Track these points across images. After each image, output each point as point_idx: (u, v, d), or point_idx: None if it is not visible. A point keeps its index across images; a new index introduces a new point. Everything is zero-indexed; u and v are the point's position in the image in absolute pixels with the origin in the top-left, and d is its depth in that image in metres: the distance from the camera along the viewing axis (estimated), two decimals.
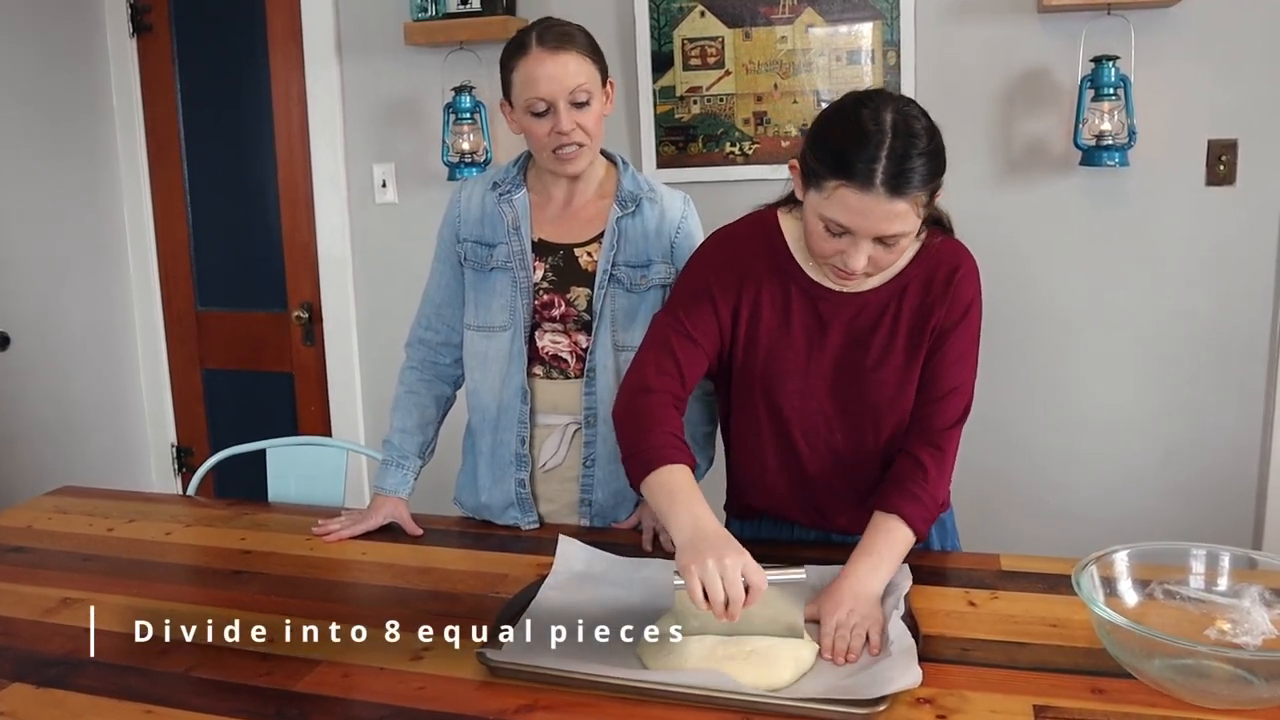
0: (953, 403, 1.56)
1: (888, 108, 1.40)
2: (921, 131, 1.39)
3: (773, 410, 1.61)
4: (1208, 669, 1.20)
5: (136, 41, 3.36)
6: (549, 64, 1.68)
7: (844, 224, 1.41)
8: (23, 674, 1.37)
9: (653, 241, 1.80)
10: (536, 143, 1.74)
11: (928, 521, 1.51)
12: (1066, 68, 2.59)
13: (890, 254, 1.44)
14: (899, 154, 1.36)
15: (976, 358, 1.58)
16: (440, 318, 1.91)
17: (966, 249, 1.59)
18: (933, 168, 1.39)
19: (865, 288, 1.55)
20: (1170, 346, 2.66)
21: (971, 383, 1.58)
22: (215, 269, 3.45)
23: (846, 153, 1.37)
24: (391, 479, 1.88)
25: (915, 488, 1.51)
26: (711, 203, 2.03)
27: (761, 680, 1.26)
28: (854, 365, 1.56)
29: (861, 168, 1.36)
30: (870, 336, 1.55)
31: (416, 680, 1.32)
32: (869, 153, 1.36)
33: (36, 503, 2.10)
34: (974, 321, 1.56)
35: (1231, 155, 2.55)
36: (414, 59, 3.03)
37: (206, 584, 1.68)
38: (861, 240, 1.41)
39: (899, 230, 1.40)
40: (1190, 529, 2.64)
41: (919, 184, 1.37)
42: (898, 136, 1.36)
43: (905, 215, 1.39)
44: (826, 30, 2.72)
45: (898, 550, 1.49)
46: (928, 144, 1.38)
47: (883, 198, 1.36)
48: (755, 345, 1.60)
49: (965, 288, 1.54)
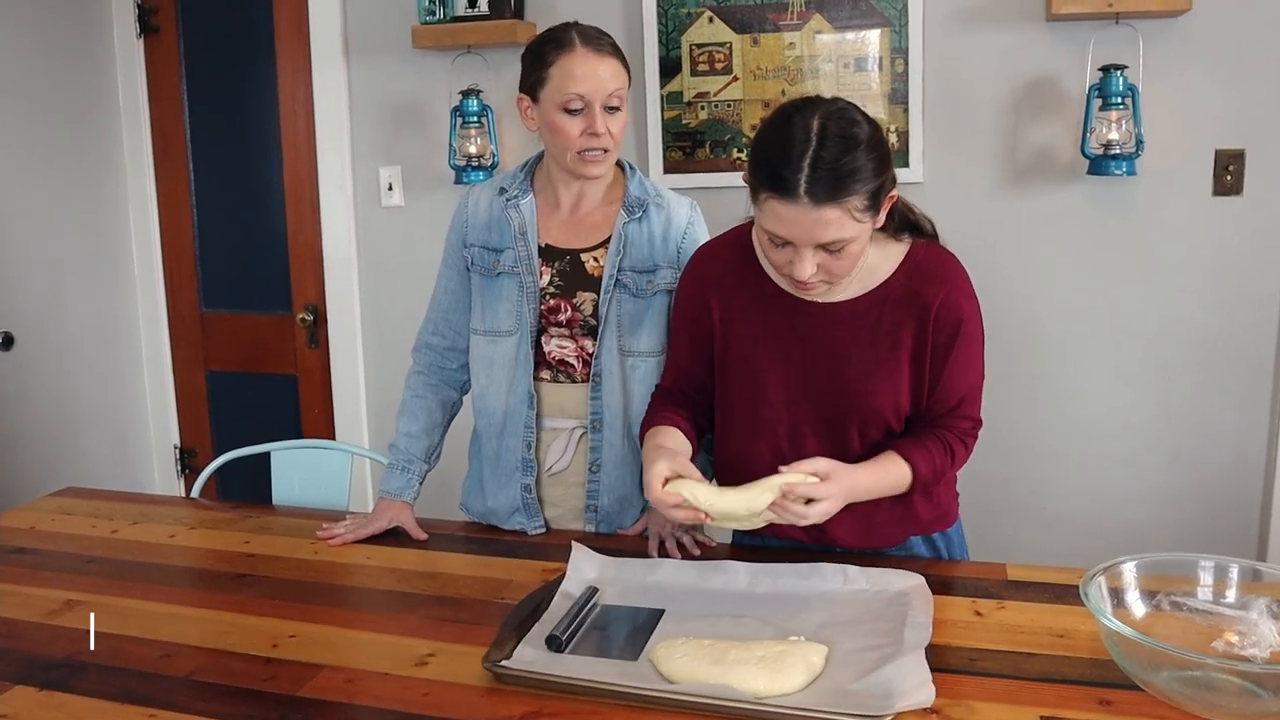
0: (966, 409, 1.58)
1: (815, 114, 1.39)
2: (843, 136, 1.37)
3: (756, 422, 1.61)
4: (1216, 681, 1.20)
5: (144, 42, 3.36)
6: (593, 63, 1.69)
7: (779, 234, 1.41)
8: (26, 676, 1.37)
9: (659, 247, 1.80)
10: (564, 141, 1.72)
11: (924, 489, 1.56)
12: (1074, 76, 2.58)
13: (842, 261, 1.43)
14: (819, 161, 1.35)
15: (981, 361, 1.58)
16: (447, 322, 1.91)
17: (952, 257, 1.57)
18: (857, 173, 1.37)
19: (841, 297, 1.54)
20: (1176, 356, 2.66)
21: (979, 386, 1.59)
22: (220, 270, 3.45)
23: (771, 163, 1.38)
24: (396, 483, 1.88)
25: (931, 445, 1.54)
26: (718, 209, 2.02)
27: (772, 686, 1.25)
28: (835, 376, 1.55)
29: (784, 177, 1.36)
30: (851, 347, 1.54)
31: (422, 686, 1.32)
32: (792, 162, 1.36)
33: (40, 504, 2.10)
34: (970, 332, 1.54)
35: (1239, 165, 2.54)
36: (421, 62, 3.03)
37: (210, 587, 1.68)
38: (803, 249, 1.41)
39: (836, 237, 1.39)
40: (1194, 538, 2.63)
41: (844, 190, 1.36)
42: (820, 143, 1.36)
43: (840, 222, 1.37)
44: (834, 37, 2.72)
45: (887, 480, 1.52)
46: (848, 149, 1.36)
47: (808, 206, 1.36)
48: (732, 357, 1.61)
49: (953, 305, 1.52)
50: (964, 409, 1.57)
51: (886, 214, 1.49)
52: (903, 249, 1.56)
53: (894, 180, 1.45)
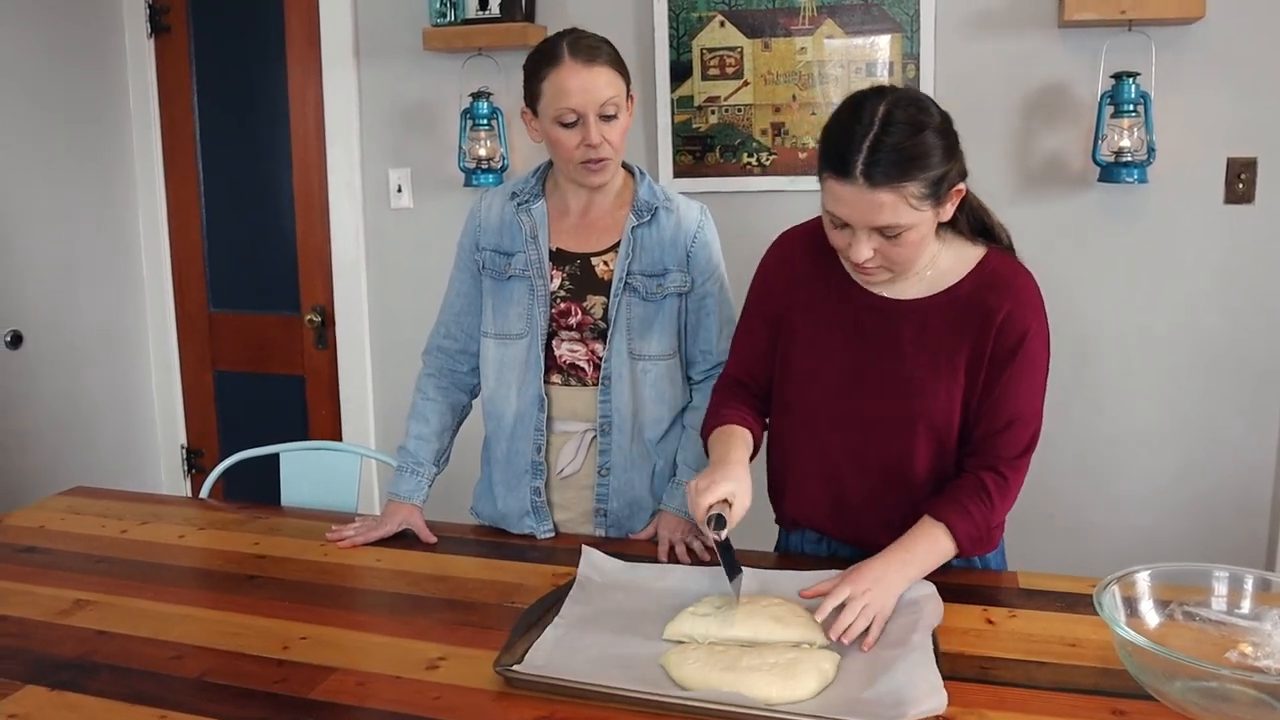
0: (1016, 433, 1.52)
1: (884, 100, 1.40)
2: (908, 123, 1.38)
3: (810, 413, 1.61)
4: (1230, 692, 1.19)
5: (154, 42, 3.37)
6: (582, 76, 1.68)
7: (837, 214, 1.43)
8: (37, 676, 1.37)
9: (668, 250, 1.80)
10: (563, 153, 1.74)
11: (974, 542, 1.50)
12: (1086, 83, 2.58)
13: (900, 248, 1.43)
14: (879, 144, 1.36)
15: (1042, 386, 1.54)
16: (459, 325, 1.91)
17: (1025, 271, 1.55)
18: (916, 160, 1.37)
19: (908, 295, 1.54)
20: (1186, 364, 2.65)
21: (1036, 413, 1.54)
22: (228, 271, 3.45)
23: (834, 143, 1.41)
24: (406, 486, 1.88)
25: (971, 505, 1.50)
26: (728, 213, 2.03)
27: (785, 693, 1.25)
28: (889, 373, 1.54)
29: (841, 157, 1.38)
30: (908, 346, 1.53)
31: (432, 689, 1.32)
32: (853, 144, 1.38)
33: (49, 503, 2.10)
34: (1033, 351, 1.51)
35: (1251, 174, 2.54)
36: (432, 64, 3.03)
37: (220, 588, 1.67)
38: (859, 231, 1.42)
39: (891, 221, 1.39)
40: (1204, 547, 2.63)
41: (901, 175, 1.37)
42: (884, 128, 1.37)
43: (895, 206, 1.38)
44: (846, 42, 2.72)
45: (934, 557, 1.49)
46: (910, 135, 1.37)
47: (864, 187, 1.37)
48: (795, 340, 1.61)
49: (1017, 320, 1.49)
50: (1013, 433, 1.52)
51: (957, 211, 1.49)
52: (977, 254, 1.54)
53: (963, 174, 1.45)
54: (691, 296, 1.83)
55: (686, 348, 1.86)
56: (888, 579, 1.43)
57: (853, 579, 1.42)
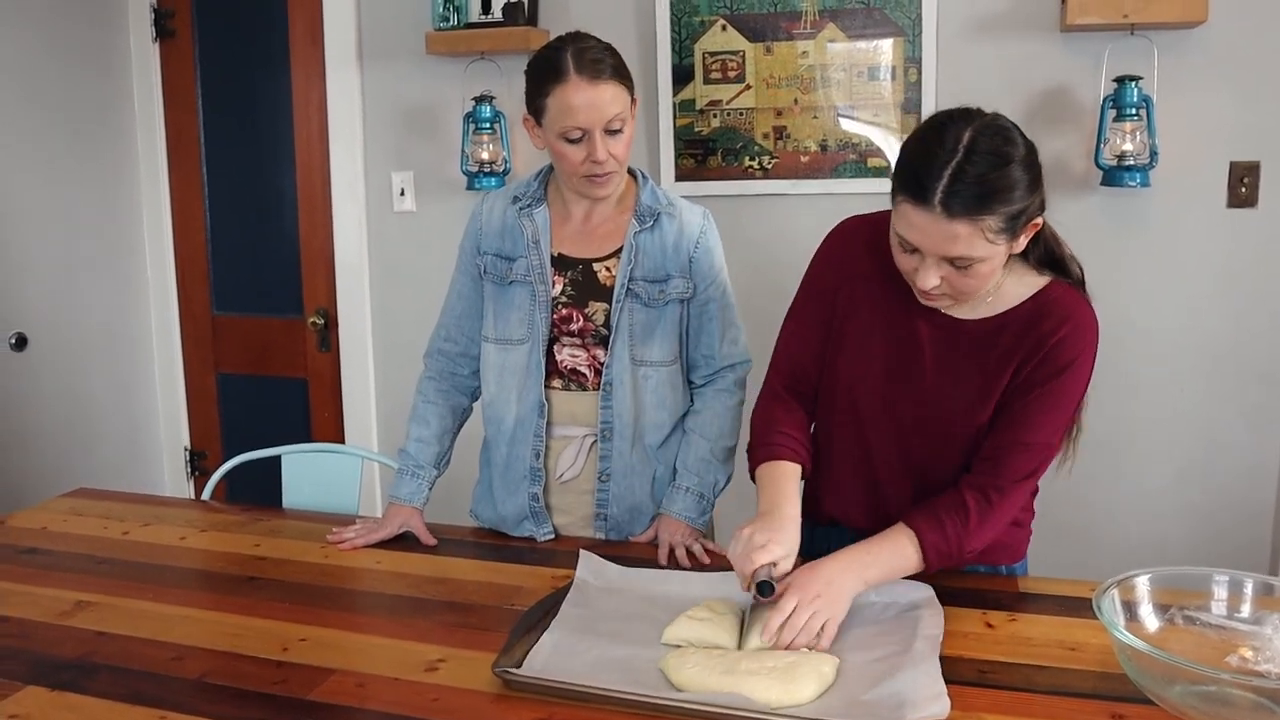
0: (1024, 456, 1.47)
1: (970, 127, 1.35)
2: (993, 153, 1.32)
3: (853, 412, 1.58)
4: (1230, 697, 1.19)
5: (159, 46, 3.38)
6: (588, 93, 1.66)
7: (908, 240, 1.38)
8: (37, 677, 1.37)
9: (670, 256, 1.80)
10: (568, 167, 1.73)
11: (942, 557, 1.45)
12: (1088, 87, 2.58)
13: (967, 279, 1.39)
14: (961, 174, 1.31)
15: (1066, 420, 1.50)
16: (460, 329, 1.91)
17: (1087, 305, 1.49)
18: (999, 193, 1.32)
19: (964, 316, 1.50)
20: (1188, 367, 2.64)
21: (1049, 444, 1.49)
22: (232, 273, 3.46)
23: (914, 167, 1.36)
24: (406, 488, 1.88)
25: (948, 520, 1.45)
26: (729, 217, 2.03)
27: (785, 697, 1.25)
28: (938, 389, 1.51)
29: (922, 184, 1.33)
30: (961, 364, 1.50)
31: (431, 691, 1.32)
32: (934, 171, 1.32)
33: (51, 504, 2.10)
34: (1070, 383, 1.46)
35: (1254, 177, 2.53)
36: (435, 68, 3.04)
37: (221, 590, 1.68)
38: (929, 259, 1.38)
39: (964, 253, 1.35)
40: (1205, 551, 2.62)
41: (981, 208, 1.32)
42: (967, 156, 1.32)
43: (970, 239, 1.33)
44: (848, 46, 2.72)
45: (897, 564, 1.45)
46: (994, 168, 1.32)
47: (941, 217, 1.32)
48: (845, 342, 1.58)
49: (1068, 347, 1.45)
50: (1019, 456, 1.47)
51: (1029, 242, 1.45)
52: (1040, 282, 1.50)
53: (1042, 206, 1.40)
54: (694, 302, 1.82)
55: (688, 353, 1.86)
56: (840, 581, 1.40)
57: (801, 586, 1.39)
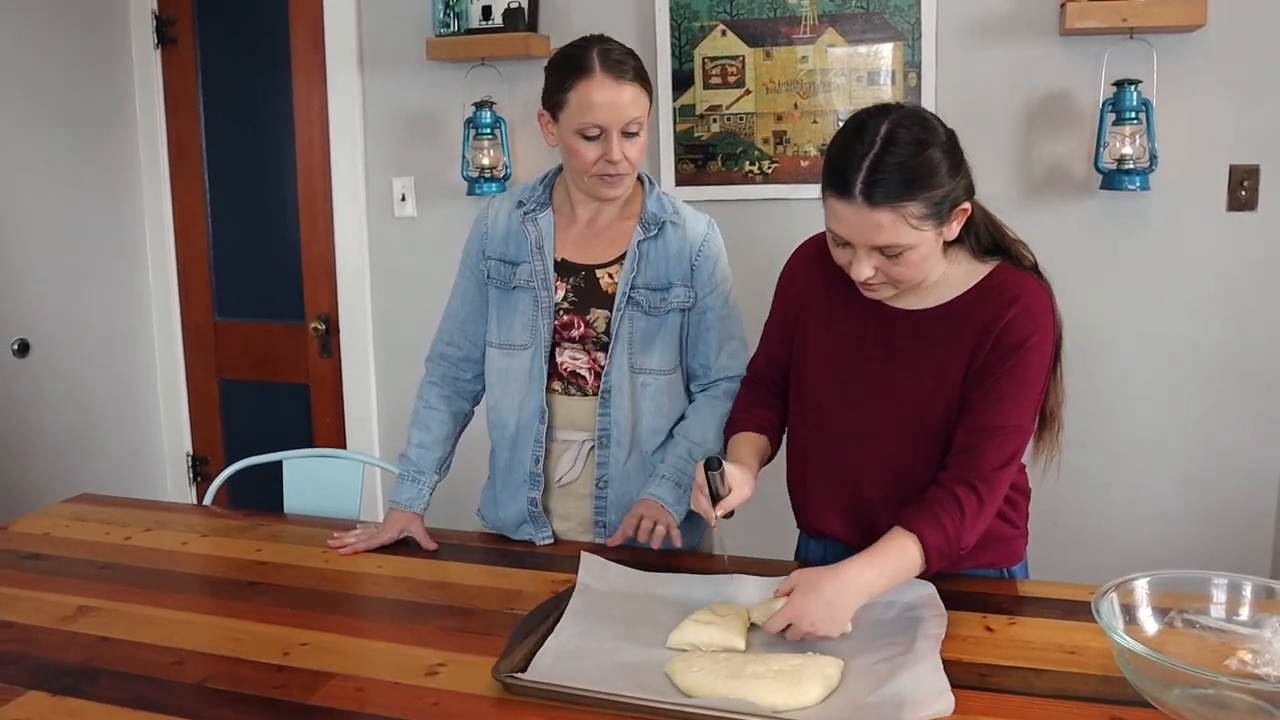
0: (997, 443, 1.47)
1: (887, 119, 1.40)
2: (911, 142, 1.37)
3: (821, 419, 1.61)
4: (1229, 700, 1.19)
5: (160, 53, 3.38)
6: (611, 91, 1.67)
7: (838, 233, 1.43)
8: (39, 682, 1.38)
9: (673, 264, 1.80)
10: (580, 165, 1.73)
11: (943, 556, 1.44)
12: (1088, 91, 2.58)
13: (900, 267, 1.43)
14: (879, 165, 1.36)
15: (1034, 401, 1.50)
16: (463, 333, 1.91)
17: (1035, 284, 1.51)
18: (917, 180, 1.37)
19: (910, 307, 1.54)
20: (1188, 371, 2.64)
21: (1022, 427, 1.49)
22: (234, 279, 3.47)
23: (836, 162, 1.41)
24: (407, 494, 1.88)
25: (945, 518, 1.43)
26: (729, 222, 2.03)
27: (790, 700, 1.25)
28: (893, 383, 1.54)
29: (842, 176, 1.38)
30: (913, 356, 1.53)
31: (431, 695, 1.32)
32: (853, 163, 1.38)
33: (54, 510, 2.11)
34: (1030, 361, 1.47)
35: (1253, 181, 2.54)
36: (435, 73, 3.04)
37: (222, 594, 1.68)
38: (860, 250, 1.43)
39: (890, 241, 1.39)
40: (1206, 555, 2.62)
41: (900, 196, 1.36)
42: (885, 148, 1.37)
43: (894, 227, 1.38)
44: (847, 50, 2.73)
45: (901, 571, 1.43)
46: (909, 155, 1.37)
47: (863, 207, 1.38)
48: (807, 353, 1.63)
49: (1018, 328, 1.47)
50: (995, 443, 1.46)
51: (965, 230, 1.48)
52: (985, 269, 1.53)
53: (969, 191, 1.44)
54: (693, 311, 1.83)
55: (686, 361, 1.86)
56: (839, 603, 1.37)
57: (799, 607, 1.37)
